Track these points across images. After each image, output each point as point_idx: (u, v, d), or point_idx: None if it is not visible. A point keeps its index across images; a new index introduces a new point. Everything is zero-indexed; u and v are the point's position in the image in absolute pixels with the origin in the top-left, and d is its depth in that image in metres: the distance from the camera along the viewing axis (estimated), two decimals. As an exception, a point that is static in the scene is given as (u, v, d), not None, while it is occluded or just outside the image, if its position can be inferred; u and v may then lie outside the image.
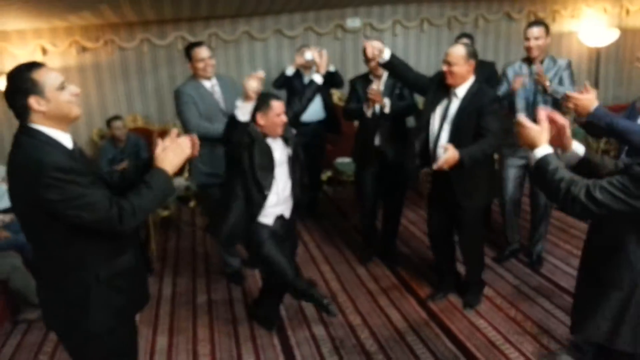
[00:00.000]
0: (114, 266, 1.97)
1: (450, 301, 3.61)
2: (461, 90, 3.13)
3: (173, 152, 1.98)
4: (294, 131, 3.20)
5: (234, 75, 6.09)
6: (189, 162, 3.53)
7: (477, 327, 3.31)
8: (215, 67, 3.75)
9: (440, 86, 3.20)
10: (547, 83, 3.52)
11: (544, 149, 1.83)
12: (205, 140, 3.61)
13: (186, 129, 3.61)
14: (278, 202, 3.08)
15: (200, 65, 3.62)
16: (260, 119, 2.93)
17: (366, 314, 3.55)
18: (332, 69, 4.80)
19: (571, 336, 2.92)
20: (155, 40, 5.89)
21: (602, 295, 1.85)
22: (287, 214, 3.18)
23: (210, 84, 3.71)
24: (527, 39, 3.61)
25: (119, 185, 2.06)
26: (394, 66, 3.33)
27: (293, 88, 4.91)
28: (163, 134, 5.65)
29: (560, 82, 3.58)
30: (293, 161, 3.12)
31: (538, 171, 1.82)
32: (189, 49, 3.67)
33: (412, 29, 6.55)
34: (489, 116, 3.02)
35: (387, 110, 3.77)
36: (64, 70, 5.70)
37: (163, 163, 1.96)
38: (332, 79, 4.80)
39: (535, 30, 3.58)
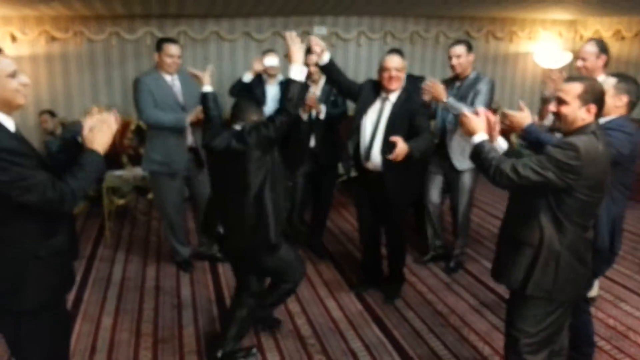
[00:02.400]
0: (51, 245, 2.04)
1: (386, 295, 3.83)
2: (393, 96, 3.43)
3: (100, 131, 2.08)
4: None
5: (200, 74, 6.28)
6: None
7: (406, 318, 3.54)
8: (181, 65, 3.92)
9: (372, 92, 3.49)
10: (444, 99, 3.69)
11: (481, 136, 2.28)
12: (158, 129, 3.81)
13: (140, 116, 3.84)
14: None
15: (168, 60, 3.78)
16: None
17: (305, 303, 3.74)
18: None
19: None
20: (124, 34, 6.02)
21: (517, 251, 2.27)
22: None
23: (170, 78, 3.88)
24: (449, 57, 3.87)
25: (57, 167, 2.10)
26: (331, 70, 3.48)
27: (254, 96, 4.57)
28: (126, 126, 5.84)
29: (475, 98, 3.76)
30: None
31: (476, 152, 2.27)
32: (162, 42, 3.84)
33: (375, 41, 6.81)
34: (421, 117, 3.38)
35: (322, 116, 4.07)
36: (32, 59, 5.82)
37: (93, 144, 2.07)
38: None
39: (457, 49, 3.84)
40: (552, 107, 2.24)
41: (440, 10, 6.30)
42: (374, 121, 3.45)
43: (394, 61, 3.39)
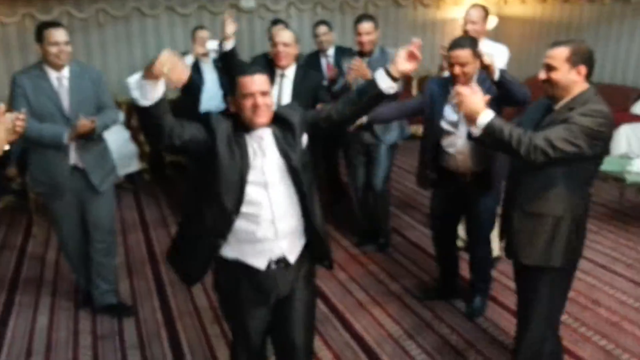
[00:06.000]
0: None
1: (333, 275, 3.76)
2: (290, 72, 3.43)
3: None
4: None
5: (124, 53, 6.02)
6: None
7: (348, 289, 3.61)
8: (73, 54, 3.06)
9: (266, 69, 3.22)
10: (369, 77, 3.62)
11: (488, 114, 2.04)
12: (35, 142, 3.04)
13: None
14: (276, 235, 2.03)
15: (53, 50, 2.93)
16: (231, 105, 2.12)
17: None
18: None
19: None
20: (39, 15, 5.65)
21: (537, 224, 2.19)
22: (291, 256, 2.12)
23: (57, 76, 3.01)
24: (359, 34, 3.62)
25: None
26: (232, 55, 3.44)
27: (191, 79, 4.37)
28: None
29: None
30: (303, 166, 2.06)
31: (490, 133, 2.03)
32: (41, 28, 2.97)
33: (305, 12, 6.73)
34: (324, 92, 3.55)
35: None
36: None
37: None
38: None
39: (366, 26, 3.62)
40: (541, 74, 2.14)
41: (367, -21, 6.28)
42: (275, 99, 3.31)
43: (281, 36, 3.37)
